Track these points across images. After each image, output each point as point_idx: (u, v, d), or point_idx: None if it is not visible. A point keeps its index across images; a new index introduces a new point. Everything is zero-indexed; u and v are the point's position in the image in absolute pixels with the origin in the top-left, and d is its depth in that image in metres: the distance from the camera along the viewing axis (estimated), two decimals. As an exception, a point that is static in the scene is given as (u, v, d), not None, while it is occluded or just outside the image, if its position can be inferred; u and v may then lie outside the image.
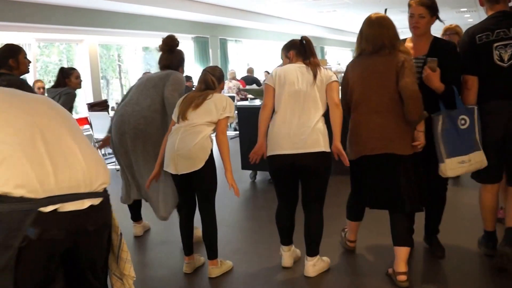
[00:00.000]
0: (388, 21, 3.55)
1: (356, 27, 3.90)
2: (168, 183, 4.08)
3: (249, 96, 12.24)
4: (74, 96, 5.38)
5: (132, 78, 12.52)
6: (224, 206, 5.70)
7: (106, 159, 9.10)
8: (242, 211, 5.89)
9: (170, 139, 3.75)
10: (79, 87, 5.57)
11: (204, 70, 3.98)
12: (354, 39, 10.30)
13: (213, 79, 3.87)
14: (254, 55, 17.69)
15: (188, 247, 3.99)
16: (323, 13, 15.62)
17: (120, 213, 5.33)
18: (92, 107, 8.82)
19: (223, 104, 3.74)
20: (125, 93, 5.18)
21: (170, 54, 4.45)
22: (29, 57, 9.19)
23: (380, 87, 3.46)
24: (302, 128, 3.59)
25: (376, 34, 3.50)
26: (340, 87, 3.76)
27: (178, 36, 12.62)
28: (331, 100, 3.64)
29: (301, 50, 3.86)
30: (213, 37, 14.40)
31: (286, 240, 3.97)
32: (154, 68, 12.89)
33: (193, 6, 11.53)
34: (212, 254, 3.90)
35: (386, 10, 14.33)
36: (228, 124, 3.96)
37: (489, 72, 3.57)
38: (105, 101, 9.34)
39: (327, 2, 13.17)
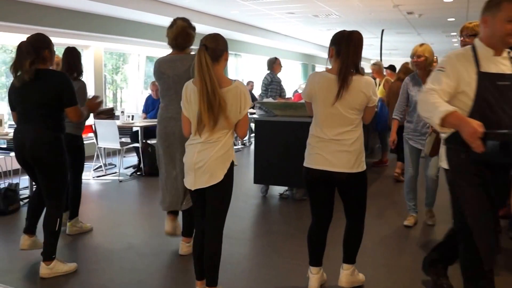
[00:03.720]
0: None
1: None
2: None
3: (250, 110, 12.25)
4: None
5: (131, 86, 12.39)
6: (236, 221, 5.62)
7: (107, 169, 8.98)
8: (257, 226, 5.81)
9: None
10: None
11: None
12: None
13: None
14: (251, 70, 17.66)
15: (201, 271, 3.54)
16: (322, 32, 15.72)
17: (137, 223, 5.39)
18: (98, 114, 8.62)
19: None
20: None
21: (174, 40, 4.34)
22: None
23: None
24: (339, 147, 3.48)
25: None
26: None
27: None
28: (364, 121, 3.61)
29: (340, 50, 3.44)
30: (214, 50, 14.32)
31: (316, 261, 3.80)
32: (152, 78, 12.79)
33: (197, 17, 11.51)
34: (213, 280, 3.45)
35: (383, 31, 14.46)
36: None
37: None
38: (112, 109, 9.17)
39: (327, 20, 13.27)
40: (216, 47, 3.31)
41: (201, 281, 3.55)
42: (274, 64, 9.27)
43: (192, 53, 4.31)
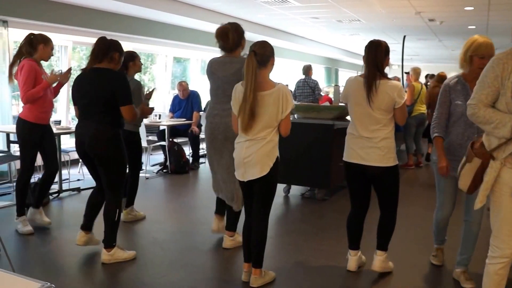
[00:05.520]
0: None
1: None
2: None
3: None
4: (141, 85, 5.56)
5: (158, 86, 12.60)
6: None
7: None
8: (279, 225, 5.90)
9: None
10: (140, 70, 5.68)
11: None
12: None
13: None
14: (276, 72, 17.77)
15: (248, 254, 3.96)
16: (345, 37, 15.83)
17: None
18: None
19: None
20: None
21: (224, 40, 4.56)
22: (64, 58, 9.38)
23: None
24: (369, 143, 3.86)
25: None
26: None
27: (207, 48, 12.74)
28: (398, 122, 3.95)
29: (365, 57, 3.87)
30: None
31: (354, 245, 4.24)
32: (179, 78, 13.03)
33: (224, 20, 11.58)
34: (258, 262, 3.90)
35: (404, 37, 14.57)
36: None
37: None
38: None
39: (350, 25, 13.39)
40: (264, 53, 3.69)
41: (248, 264, 3.94)
42: (309, 70, 11.04)
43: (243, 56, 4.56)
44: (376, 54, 3.79)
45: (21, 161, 5.23)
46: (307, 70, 11.20)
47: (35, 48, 5.03)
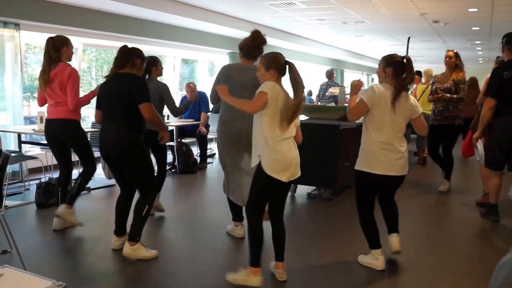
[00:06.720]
0: None
1: (377, 52, 4.18)
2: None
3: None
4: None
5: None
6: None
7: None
8: (285, 223, 5.63)
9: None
10: (161, 74, 5.91)
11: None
12: (370, 64, 10.77)
13: None
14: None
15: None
16: (351, 38, 15.92)
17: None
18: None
19: None
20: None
21: (259, 39, 4.73)
22: (74, 60, 9.50)
23: None
24: (395, 154, 4.06)
25: None
26: None
27: (214, 50, 12.78)
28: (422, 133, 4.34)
29: (398, 71, 4.07)
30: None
31: (378, 244, 4.34)
32: (187, 80, 13.15)
33: (231, 22, 11.81)
34: (282, 256, 4.08)
35: (409, 38, 14.66)
36: None
37: (507, 97, 5.27)
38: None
39: (355, 27, 13.50)
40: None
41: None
42: (332, 74, 12.41)
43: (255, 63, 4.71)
44: (410, 69, 4.04)
45: (85, 158, 5.50)
46: (330, 74, 12.32)
47: (59, 51, 5.18)
